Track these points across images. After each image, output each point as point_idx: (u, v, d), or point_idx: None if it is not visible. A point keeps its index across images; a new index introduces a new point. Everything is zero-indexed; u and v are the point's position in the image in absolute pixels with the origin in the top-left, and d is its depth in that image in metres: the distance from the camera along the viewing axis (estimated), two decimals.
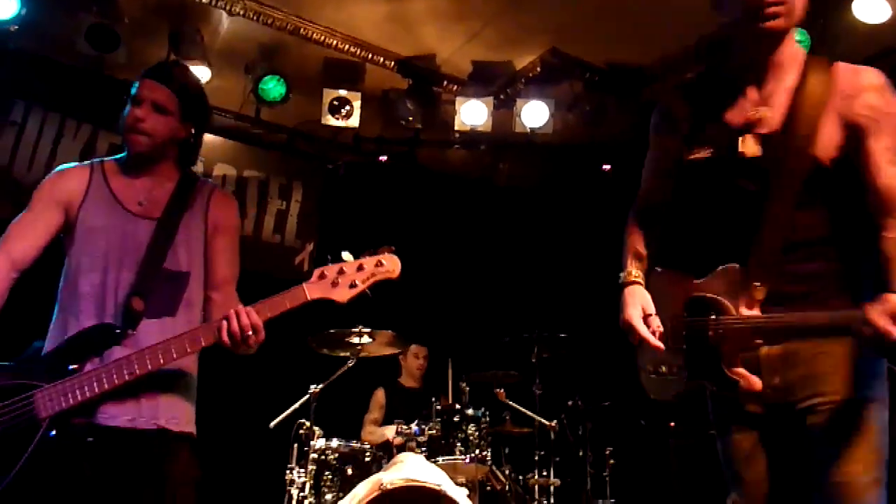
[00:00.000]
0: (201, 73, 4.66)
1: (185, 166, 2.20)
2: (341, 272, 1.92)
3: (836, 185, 1.70)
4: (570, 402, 4.72)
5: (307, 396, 3.92)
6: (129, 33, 4.38)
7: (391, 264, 1.97)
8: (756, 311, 1.71)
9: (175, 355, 1.83)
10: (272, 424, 3.98)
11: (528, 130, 5.11)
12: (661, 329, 1.83)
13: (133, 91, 2.04)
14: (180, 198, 2.10)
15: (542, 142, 5.30)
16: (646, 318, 1.85)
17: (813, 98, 1.69)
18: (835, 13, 4.12)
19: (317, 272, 1.93)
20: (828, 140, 1.67)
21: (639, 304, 1.90)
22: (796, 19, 1.69)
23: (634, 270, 2.00)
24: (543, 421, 4.43)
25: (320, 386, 3.94)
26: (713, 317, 1.79)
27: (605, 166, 5.65)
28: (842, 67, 1.72)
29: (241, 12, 4.43)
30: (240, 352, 1.91)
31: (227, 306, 1.94)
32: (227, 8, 4.38)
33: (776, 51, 1.73)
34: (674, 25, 4.45)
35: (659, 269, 2.03)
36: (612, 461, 4.59)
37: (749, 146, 1.74)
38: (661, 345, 1.80)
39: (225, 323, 1.83)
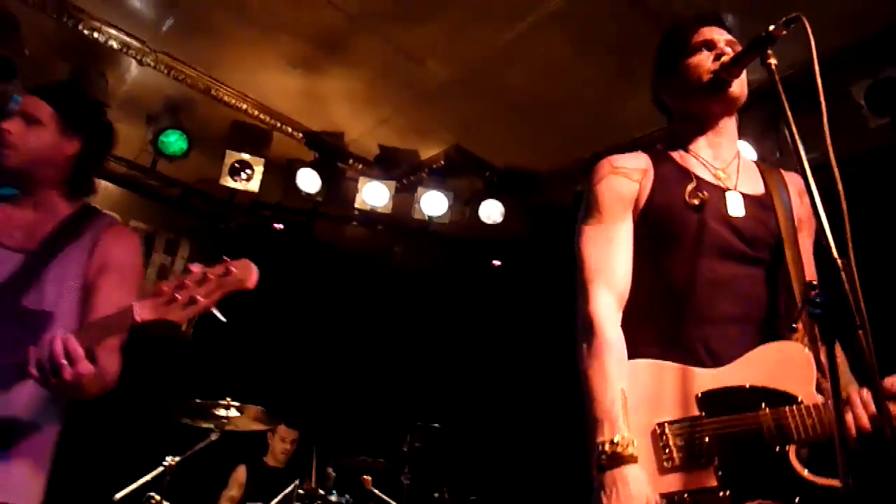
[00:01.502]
0: None
1: (79, 195, 1.98)
2: (181, 287, 1.55)
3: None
4: (436, 494, 4.66)
5: (161, 468, 3.65)
6: (29, 66, 4.18)
7: (242, 271, 1.57)
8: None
9: None
10: (118, 496, 3.66)
11: (427, 218, 5.24)
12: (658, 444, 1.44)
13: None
14: (66, 231, 1.87)
15: (439, 230, 5.43)
16: None
17: (774, 175, 1.80)
18: None
19: (155, 288, 1.59)
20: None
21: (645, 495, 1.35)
22: (745, 97, 1.79)
23: (628, 434, 1.41)
24: None
25: (177, 458, 3.69)
26: (789, 407, 1.42)
27: (495, 262, 5.85)
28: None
29: (153, 64, 4.36)
30: (59, 390, 1.58)
31: (106, 359, 1.72)
32: (139, 58, 4.30)
33: (731, 122, 1.83)
34: (571, 138, 4.79)
35: (633, 362, 1.56)
36: None
37: (735, 204, 1.69)
38: None
39: (33, 350, 1.52)
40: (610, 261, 1.65)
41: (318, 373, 5.65)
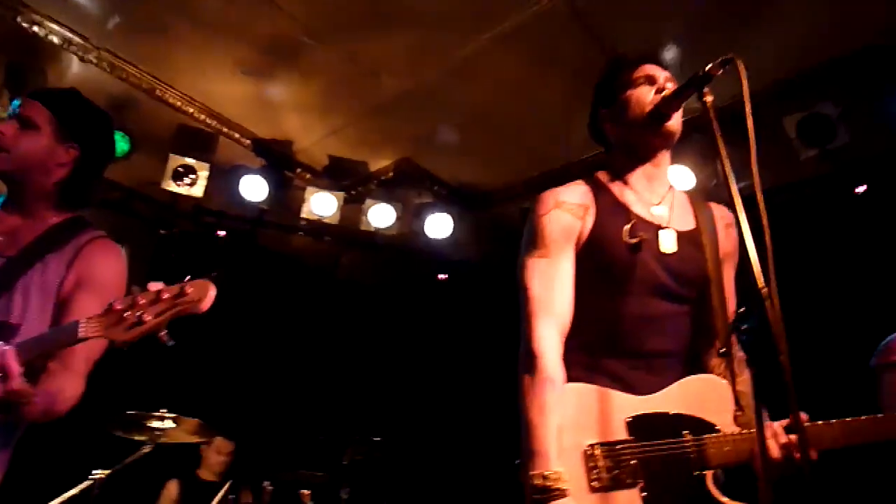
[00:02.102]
0: None
1: (71, 205, 1.89)
2: (133, 305, 1.47)
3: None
4: None
5: (89, 482, 3.51)
6: None
7: (198, 293, 1.49)
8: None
9: None
10: None
11: (374, 230, 5.23)
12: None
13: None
14: (48, 240, 1.77)
15: (386, 243, 5.42)
16: None
17: (703, 208, 1.88)
18: None
19: (107, 305, 1.49)
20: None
21: None
22: (679, 131, 1.85)
23: (561, 469, 1.48)
24: None
25: (107, 471, 3.56)
26: (708, 435, 1.54)
27: (441, 276, 5.87)
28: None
29: (95, 61, 4.23)
30: None
31: (60, 380, 1.62)
32: (80, 54, 4.17)
33: (667, 155, 1.91)
34: (521, 156, 4.87)
35: (574, 385, 1.62)
36: None
37: (668, 242, 1.76)
38: None
39: None
40: (554, 296, 1.70)
41: (257, 384, 5.55)
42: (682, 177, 4.12)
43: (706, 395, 1.61)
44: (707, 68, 1.57)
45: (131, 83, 4.42)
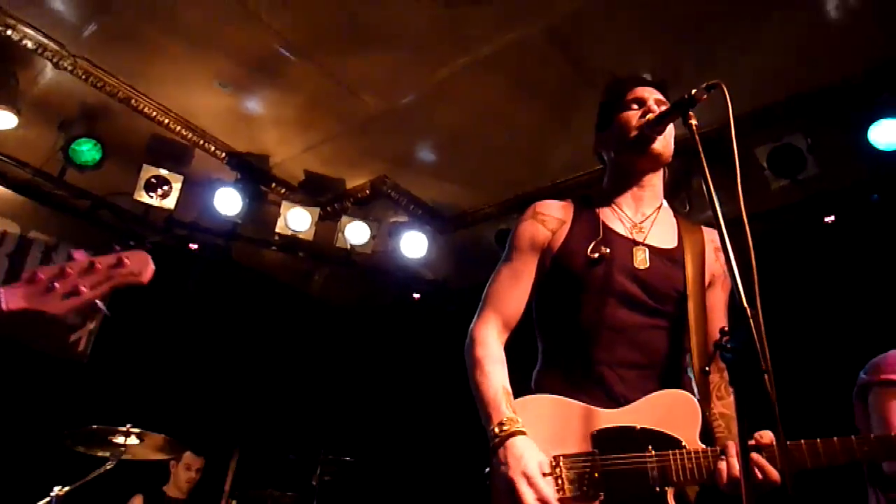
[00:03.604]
0: (5, 118, 4.29)
1: None
2: (62, 274, 1.39)
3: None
4: None
5: (48, 499, 3.39)
6: None
7: (137, 264, 1.42)
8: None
9: None
10: None
11: (349, 247, 5.20)
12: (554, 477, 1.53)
13: None
14: None
15: (360, 261, 5.40)
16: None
17: (692, 230, 1.90)
18: None
19: (26, 273, 1.39)
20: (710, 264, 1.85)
21: (536, 461, 1.51)
22: (670, 154, 1.89)
23: (514, 412, 1.60)
24: None
25: (67, 488, 3.44)
26: (672, 451, 1.54)
27: (415, 295, 5.85)
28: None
29: (70, 68, 4.17)
30: None
31: None
32: (55, 60, 4.10)
33: (656, 177, 1.93)
34: (497, 178, 4.90)
35: (541, 397, 1.69)
36: None
37: (641, 257, 1.78)
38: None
39: None
40: (504, 293, 1.85)
41: (228, 400, 5.44)
42: None
43: (674, 411, 1.60)
44: (692, 92, 1.59)
45: (106, 92, 4.36)
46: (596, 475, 1.54)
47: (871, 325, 3.00)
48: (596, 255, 1.78)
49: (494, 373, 1.69)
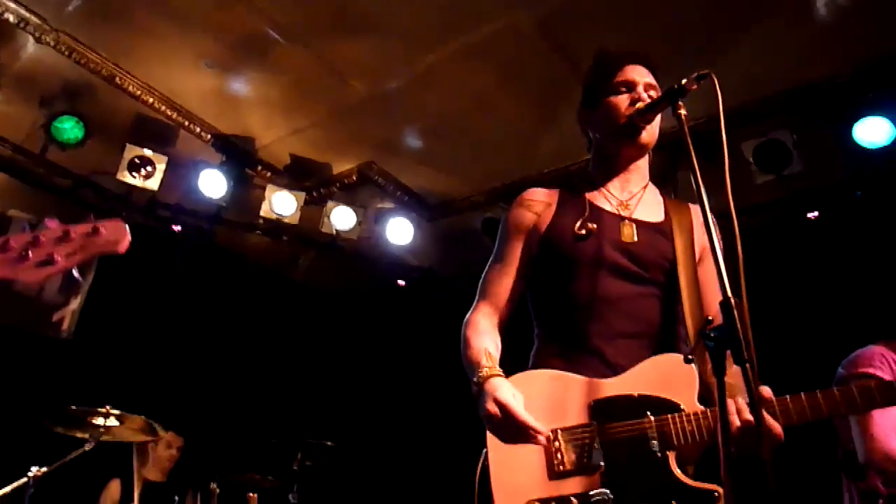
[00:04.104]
0: None
1: None
2: (35, 242, 1.36)
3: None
4: None
5: (25, 479, 3.35)
6: None
7: (113, 233, 1.40)
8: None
9: None
10: None
11: (334, 232, 5.17)
12: (550, 443, 1.54)
13: None
14: None
15: (346, 246, 5.37)
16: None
17: (679, 208, 1.90)
18: None
19: None
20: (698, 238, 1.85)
21: (510, 392, 1.56)
22: (655, 141, 1.91)
23: (493, 364, 1.68)
24: None
25: (44, 469, 3.41)
26: (671, 415, 1.52)
27: (400, 282, 5.84)
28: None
29: (52, 43, 4.09)
30: None
31: None
32: (37, 35, 4.02)
33: (642, 160, 1.95)
34: (484, 166, 4.89)
35: (539, 371, 1.72)
36: None
37: (628, 231, 1.81)
38: (546, 432, 1.51)
39: None
40: (495, 284, 1.91)
41: (209, 384, 5.41)
42: None
43: (669, 375, 1.59)
44: (682, 82, 1.59)
45: (90, 69, 4.28)
46: (595, 445, 1.54)
47: (851, 321, 3.04)
48: (583, 231, 1.80)
49: (478, 341, 1.77)
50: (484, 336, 1.79)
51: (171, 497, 3.79)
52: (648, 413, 1.54)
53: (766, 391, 1.51)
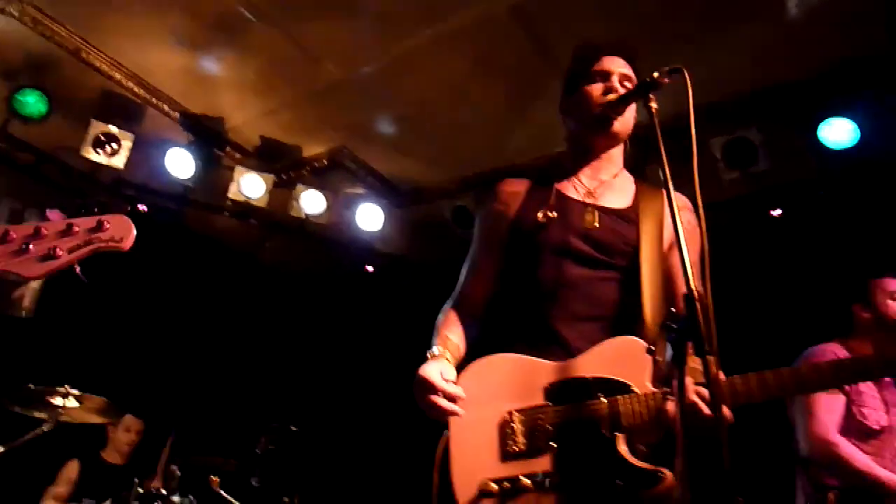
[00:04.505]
0: None
1: None
2: (37, 235, 1.31)
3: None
4: (286, 499, 4.52)
5: None
6: None
7: (118, 229, 1.37)
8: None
9: None
10: None
11: (303, 216, 5.13)
12: (489, 420, 1.61)
13: None
14: None
15: (314, 231, 5.33)
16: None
17: (652, 194, 1.92)
18: None
19: None
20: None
21: (438, 368, 1.66)
22: (628, 132, 1.94)
23: (439, 349, 1.77)
24: None
25: (1, 448, 3.34)
26: (622, 396, 1.54)
27: (368, 268, 5.82)
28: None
29: (16, 14, 3.96)
30: None
31: None
32: (0, 6, 3.90)
33: (615, 150, 1.98)
34: (456, 155, 4.88)
35: (501, 356, 1.75)
36: None
37: (591, 217, 1.84)
38: (460, 392, 1.61)
39: None
40: (467, 278, 1.99)
41: (172, 365, 5.34)
42: None
43: (622, 356, 1.61)
44: (654, 75, 1.61)
45: (55, 42, 4.17)
46: (548, 426, 1.57)
47: (809, 318, 3.12)
48: (544, 219, 1.84)
49: (443, 329, 1.86)
50: (450, 326, 1.88)
51: (131, 480, 3.74)
52: (600, 395, 1.57)
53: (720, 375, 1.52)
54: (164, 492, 3.63)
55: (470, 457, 1.60)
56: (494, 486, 1.53)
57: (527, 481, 1.51)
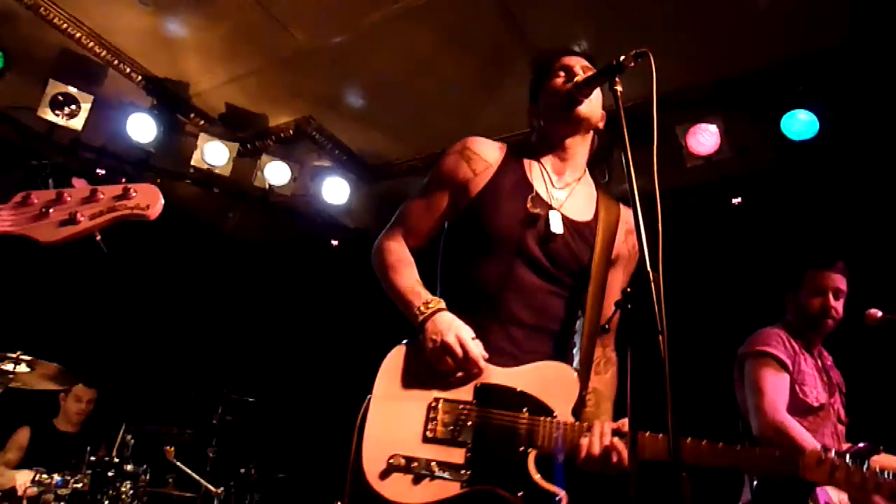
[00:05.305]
0: None
1: None
2: (59, 200, 1.29)
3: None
4: (242, 470, 4.52)
5: None
6: None
7: (146, 197, 1.33)
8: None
9: None
10: None
11: (267, 186, 5.06)
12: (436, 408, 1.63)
13: None
14: None
15: (279, 202, 5.27)
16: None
17: (610, 207, 1.94)
18: None
19: (18, 196, 1.29)
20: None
21: (466, 327, 1.67)
22: (596, 120, 1.94)
23: (433, 297, 1.75)
24: (209, 486, 4.17)
25: None
26: (544, 418, 1.62)
27: (333, 242, 5.79)
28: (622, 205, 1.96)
29: None
30: None
31: None
32: None
33: (581, 145, 1.97)
34: (424, 131, 4.85)
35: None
36: None
37: (555, 223, 1.82)
38: (482, 360, 1.64)
39: None
40: (416, 218, 1.92)
41: (128, 335, 5.26)
42: None
43: (556, 383, 1.68)
44: (621, 59, 1.62)
45: None
46: (469, 423, 1.62)
47: (761, 303, 3.20)
48: (535, 210, 1.81)
49: (408, 272, 1.82)
50: (410, 268, 1.84)
51: (83, 448, 3.69)
52: (525, 409, 1.63)
53: (624, 426, 1.58)
54: (116, 460, 3.59)
55: (388, 429, 1.62)
56: (403, 462, 1.57)
57: (437, 468, 1.57)
